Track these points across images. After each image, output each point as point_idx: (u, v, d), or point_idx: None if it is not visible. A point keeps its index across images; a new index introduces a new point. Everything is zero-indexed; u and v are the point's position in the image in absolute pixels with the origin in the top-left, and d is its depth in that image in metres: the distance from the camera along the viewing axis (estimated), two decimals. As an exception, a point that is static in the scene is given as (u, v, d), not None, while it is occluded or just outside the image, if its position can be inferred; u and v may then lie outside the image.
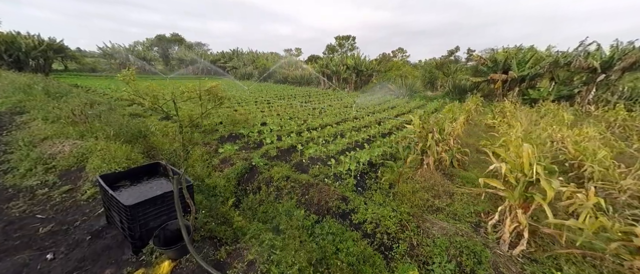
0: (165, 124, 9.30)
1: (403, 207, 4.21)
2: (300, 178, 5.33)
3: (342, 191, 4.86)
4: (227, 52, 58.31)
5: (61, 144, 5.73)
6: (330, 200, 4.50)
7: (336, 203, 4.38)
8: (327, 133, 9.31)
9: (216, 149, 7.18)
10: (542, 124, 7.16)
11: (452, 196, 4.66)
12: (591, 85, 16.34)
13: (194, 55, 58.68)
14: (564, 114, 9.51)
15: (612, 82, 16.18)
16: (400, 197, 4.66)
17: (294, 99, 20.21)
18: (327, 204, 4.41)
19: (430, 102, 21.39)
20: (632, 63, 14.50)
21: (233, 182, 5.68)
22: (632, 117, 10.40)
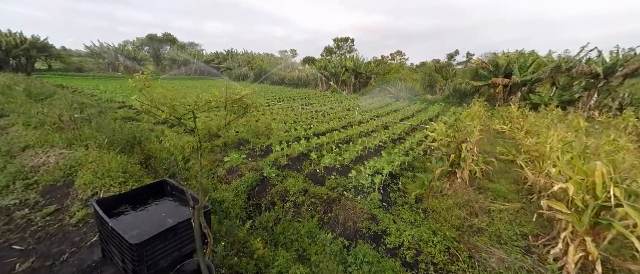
0: (162, 130, 8.62)
1: (443, 229, 3.75)
2: (319, 192, 4.81)
3: (368, 208, 4.37)
4: (222, 53, 57.28)
5: (45, 154, 5.05)
6: (358, 220, 4.00)
7: (366, 224, 3.88)
8: (335, 139, 8.83)
9: (221, 157, 6.57)
10: (571, 134, 6.86)
11: (490, 214, 4.23)
12: (593, 91, 16.44)
13: (187, 55, 57.44)
14: (580, 121, 9.30)
15: (613, 89, 16.30)
16: (433, 216, 4.20)
17: (294, 101, 19.67)
18: (356, 224, 3.90)
19: (432, 106, 21.22)
20: (635, 70, 14.62)
21: (243, 196, 5.11)
22: None
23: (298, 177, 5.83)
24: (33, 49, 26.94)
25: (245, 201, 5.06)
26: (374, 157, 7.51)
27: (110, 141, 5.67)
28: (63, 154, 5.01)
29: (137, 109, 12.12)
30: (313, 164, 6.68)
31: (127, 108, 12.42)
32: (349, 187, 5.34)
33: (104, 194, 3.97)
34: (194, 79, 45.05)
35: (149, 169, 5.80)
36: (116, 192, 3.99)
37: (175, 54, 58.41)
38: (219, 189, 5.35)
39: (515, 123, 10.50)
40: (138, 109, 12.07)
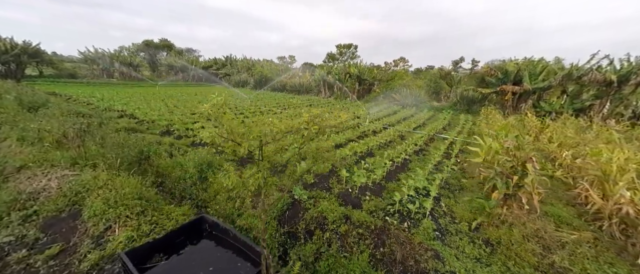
0: (172, 142, 7.96)
1: (520, 269, 3.20)
2: (362, 219, 4.24)
3: (425, 240, 3.80)
4: (220, 59, 56.80)
5: (45, 176, 4.38)
6: (419, 257, 3.43)
7: (431, 264, 3.31)
8: (356, 150, 8.29)
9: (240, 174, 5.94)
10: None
11: (564, 247, 3.70)
12: (605, 99, 16.29)
13: (184, 61, 56.83)
14: (613, 131, 8.96)
15: (625, 97, 16.18)
16: (501, 250, 3.65)
17: (300, 108, 19.16)
18: (419, 264, 3.32)
19: (440, 113, 20.92)
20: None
21: (273, 222, 4.50)
22: None
23: (330, 198, 5.25)
24: (24, 54, 26.04)
25: (275, 228, 4.45)
26: (402, 172, 6.99)
27: (120, 160, 5.02)
28: (66, 176, 4.36)
29: (138, 118, 11.45)
30: (342, 182, 6.12)
31: (128, 117, 11.72)
32: (389, 210, 4.78)
33: (119, 228, 3.34)
34: (192, 85, 44.30)
35: (163, 190, 5.16)
36: (134, 224, 3.37)
37: (172, 60, 57.82)
38: (244, 213, 4.73)
39: (539, 133, 10.11)
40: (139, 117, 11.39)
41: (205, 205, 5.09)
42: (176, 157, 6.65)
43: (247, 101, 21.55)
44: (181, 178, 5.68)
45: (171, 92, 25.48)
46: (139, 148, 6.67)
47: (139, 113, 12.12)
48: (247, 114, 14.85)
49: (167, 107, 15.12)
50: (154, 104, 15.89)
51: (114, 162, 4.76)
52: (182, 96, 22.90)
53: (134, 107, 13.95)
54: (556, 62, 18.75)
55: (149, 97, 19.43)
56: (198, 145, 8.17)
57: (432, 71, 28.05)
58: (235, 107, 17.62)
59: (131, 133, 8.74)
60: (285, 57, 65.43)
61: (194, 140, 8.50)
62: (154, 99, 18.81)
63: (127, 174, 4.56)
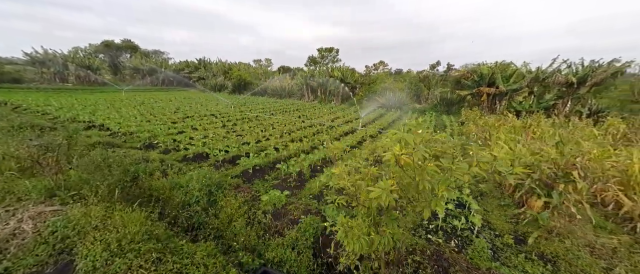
0: (161, 158, 6.93)
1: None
2: (411, 243, 3.88)
3: (480, 262, 3.55)
4: (193, 62, 53.65)
5: (13, 216, 3.38)
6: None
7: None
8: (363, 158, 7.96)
9: (253, 194, 5.28)
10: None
11: (616, 254, 3.68)
12: (566, 98, 18.03)
13: (152, 64, 52.77)
14: (593, 129, 9.73)
15: (582, 96, 18.06)
16: (564, 266, 3.51)
17: (288, 113, 18.49)
18: None
19: (423, 115, 21.59)
20: (601, 79, 16.33)
21: (307, 253, 3.94)
22: (634, 127, 11.25)
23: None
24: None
25: (311, 259, 3.90)
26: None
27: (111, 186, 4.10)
28: (43, 215, 3.40)
29: (111, 129, 10.01)
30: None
31: (98, 129, 10.20)
32: (429, 228, 4.50)
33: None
34: (163, 90, 41.14)
35: (163, 218, 4.32)
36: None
37: (138, 63, 53.39)
38: (270, 243, 4.11)
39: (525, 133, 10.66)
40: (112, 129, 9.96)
41: (219, 235, 4.36)
42: (171, 176, 5.75)
43: (229, 107, 20.31)
44: (185, 203, 4.87)
45: (141, 98, 23.21)
46: (123, 167, 5.70)
47: (110, 124, 10.61)
48: (234, 121, 13.87)
49: (141, 115, 13.55)
50: (125, 112, 14.17)
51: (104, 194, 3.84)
52: (155, 102, 20.91)
53: (103, 116, 12.25)
54: (524, 65, 20.41)
55: (116, 105, 17.39)
56: (190, 160, 7.25)
57: (412, 74, 29.13)
58: (219, 113, 16.43)
59: (107, 149, 7.52)
60: (262, 60, 63.84)
61: (186, 154, 7.54)
62: (124, 106, 16.86)
63: (125, 205, 3.71)
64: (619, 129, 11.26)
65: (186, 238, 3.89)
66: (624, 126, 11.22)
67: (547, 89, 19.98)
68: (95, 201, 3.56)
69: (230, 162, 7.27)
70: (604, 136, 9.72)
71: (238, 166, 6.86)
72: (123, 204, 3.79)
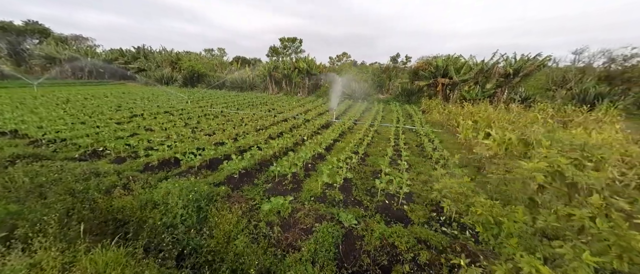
0: (117, 170, 5.55)
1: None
2: (432, 240, 3.75)
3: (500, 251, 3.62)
4: (129, 50, 46.15)
5: None
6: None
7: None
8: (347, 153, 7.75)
9: (253, 205, 4.55)
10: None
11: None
12: (504, 87, 20.79)
13: (74, 52, 43.76)
14: (537, 115, 11.25)
15: (515, 85, 21.05)
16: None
17: (255, 107, 17.24)
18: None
19: (388, 105, 22.55)
20: (531, 71, 19.19)
21: (331, 266, 3.51)
22: (562, 111, 13.48)
23: (375, 216, 4.58)
24: None
25: (336, 272, 3.49)
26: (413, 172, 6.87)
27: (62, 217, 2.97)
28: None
29: (29, 136, 7.74)
30: (371, 193, 5.50)
31: (9, 137, 7.78)
32: (440, 220, 4.48)
33: None
34: (92, 84, 34.67)
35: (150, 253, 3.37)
36: None
37: (53, 50, 43.70)
38: (287, 260, 3.54)
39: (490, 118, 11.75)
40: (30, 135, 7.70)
41: (219, 259, 3.60)
42: (139, 192, 4.61)
43: (186, 102, 18.00)
44: (166, 225, 3.91)
45: (63, 94, 18.95)
46: (64, 187, 4.40)
47: (28, 129, 8.20)
48: (196, 118, 12.23)
49: (71, 116, 10.92)
50: (45, 113, 11.23)
51: (56, 226, 2.75)
52: (85, 98, 17.25)
53: (13, 119, 9.45)
54: (471, 58, 22.76)
55: (29, 103, 13.76)
56: (156, 168, 6.00)
57: (374, 66, 30.11)
58: (175, 110, 14.35)
59: (32, 163, 5.71)
60: (214, 49, 58.27)
61: (148, 161, 6.23)
62: (42, 105, 13.42)
63: (91, 242, 2.71)
64: (548, 113, 13.37)
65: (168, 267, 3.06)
66: (551, 110, 13.39)
67: (488, 80, 22.76)
68: (44, 244, 2.48)
69: (208, 167, 6.25)
70: (544, 118, 11.36)
71: (220, 171, 5.93)
72: (86, 240, 2.76)
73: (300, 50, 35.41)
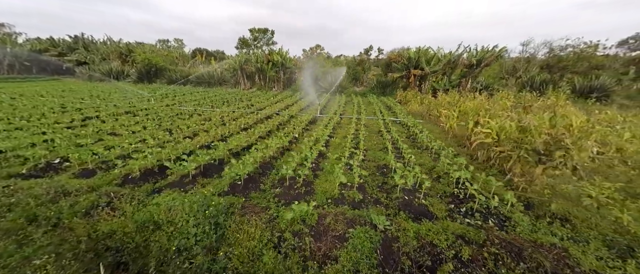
0: (86, 183, 4.54)
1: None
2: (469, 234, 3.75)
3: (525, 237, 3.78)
4: (64, 40, 39.42)
5: None
6: (552, 258, 3.32)
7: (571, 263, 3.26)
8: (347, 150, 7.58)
9: (271, 214, 4.07)
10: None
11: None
12: (468, 77, 22.50)
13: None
14: (506, 102, 12.29)
15: (476, 75, 22.93)
16: (578, 224, 4.11)
17: (232, 104, 16.02)
18: (573, 270, 3.20)
19: (365, 98, 22.86)
20: (490, 61, 21.02)
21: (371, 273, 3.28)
22: (520, 97, 14.99)
23: (399, 214, 4.45)
24: None
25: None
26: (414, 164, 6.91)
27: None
28: None
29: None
30: (385, 188, 5.36)
31: None
32: (464, 211, 4.54)
33: None
34: (14, 80, 29.06)
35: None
36: None
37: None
38: (327, 273, 3.22)
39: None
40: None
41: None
42: (129, 211, 3.82)
43: (149, 100, 15.97)
44: (179, 248, 3.27)
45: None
46: (25, 212, 3.51)
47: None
48: (169, 118, 10.86)
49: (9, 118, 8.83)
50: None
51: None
52: (12, 99, 14.18)
53: None
54: (438, 50, 24.08)
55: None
56: (139, 180, 5.09)
57: (349, 58, 30.21)
58: (137, 109, 12.57)
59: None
60: (169, 40, 52.54)
61: (128, 172, 5.26)
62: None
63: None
64: (510, 99, 14.79)
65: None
66: (512, 97, 14.86)
67: (453, 70, 24.43)
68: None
69: (204, 174, 5.51)
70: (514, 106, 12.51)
71: (221, 179, 5.27)
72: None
73: (272, 42, 33.82)
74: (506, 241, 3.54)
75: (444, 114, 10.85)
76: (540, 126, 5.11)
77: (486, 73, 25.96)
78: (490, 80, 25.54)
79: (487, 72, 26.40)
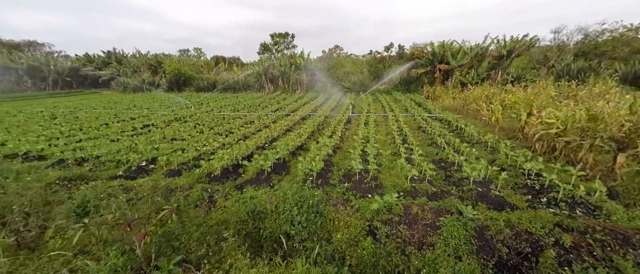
0: (182, 182, 5.01)
1: None
2: (573, 225, 3.78)
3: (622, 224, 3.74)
4: (99, 55, 42.44)
5: None
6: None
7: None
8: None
9: (354, 207, 4.30)
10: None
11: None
12: (498, 69, 21.77)
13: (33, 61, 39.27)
14: (551, 92, 11.86)
15: (506, 66, 22.12)
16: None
17: (263, 108, 16.59)
18: None
19: (391, 95, 22.76)
20: (522, 51, 20.25)
21: (474, 259, 3.41)
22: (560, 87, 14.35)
23: (478, 205, 4.54)
24: None
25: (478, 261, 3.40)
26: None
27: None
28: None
29: (68, 159, 6.79)
30: (455, 182, 5.46)
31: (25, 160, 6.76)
32: (545, 201, 4.55)
33: None
34: (60, 95, 31.59)
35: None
36: None
37: (6, 60, 38.99)
38: (426, 255, 3.39)
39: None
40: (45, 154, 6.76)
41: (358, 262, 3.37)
42: (227, 203, 4.20)
43: (189, 107, 16.90)
44: (289, 233, 3.57)
45: (38, 108, 16.98)
46: (154, 204, 3.96)
47: (46, 150, 7.19)
48: (216, 123, 11.48)
49: (74, 130, 9.78)
50: (43, 130, 9.95)
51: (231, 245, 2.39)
52: (70, 112, 15.52)
53: (14, 139, 8.26)
54: (463, 43, 23.50)
55: (10, 121, 12.14)
56: (220, 178, 5.52)
57: (369, 57, 30.18)
58: (181, 116, 13.38)
59: (83, 184, 5.00)
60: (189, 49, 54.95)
61: (210, 171, 5.74)
62: (30, 122, 11.88)
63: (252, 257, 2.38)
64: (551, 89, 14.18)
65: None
66: (551, 87, 14.24)
67: (480, 63, 23.71)
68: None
69: (274, 171, 5.87)
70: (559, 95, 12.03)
71: (290, 175, 5.61)
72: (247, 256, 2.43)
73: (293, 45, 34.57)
74: (608, 228, 3.54)
75: (485, 107, 10.67)
76: (614, 114, 4.98)
77: (515, 63, 24.97)
78: (520, 71, 24.54)
79: (516, 62, 25.38)
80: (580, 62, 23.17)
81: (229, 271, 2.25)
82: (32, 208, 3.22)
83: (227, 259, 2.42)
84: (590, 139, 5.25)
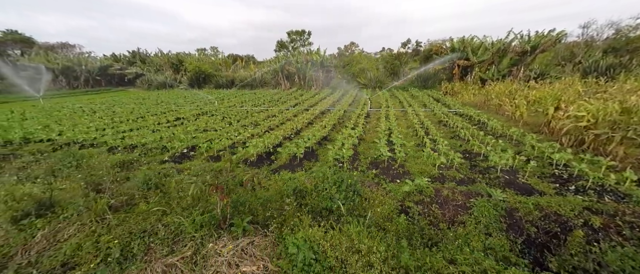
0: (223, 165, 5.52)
1: None
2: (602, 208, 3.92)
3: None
4: (124, 55, 44.75)
5: None
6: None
7: None
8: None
9: (385, 189, 4.62)
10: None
11: None
12: (520, 66, 21.16)
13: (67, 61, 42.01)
14: (578, 88, 11.57)
15: (529, 62, 21.44)
16: None
17: (283, 104, 17.11)
18: None
19: (407, 92, 22.69)
20: (547, 46, 19.57)
21: (503, 236, 3.64)
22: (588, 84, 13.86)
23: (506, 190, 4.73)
24: None
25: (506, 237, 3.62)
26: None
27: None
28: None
29: (118, 146, 7.55)
30: (481, 171, 5.65)
31: (83, 147, 7.56)
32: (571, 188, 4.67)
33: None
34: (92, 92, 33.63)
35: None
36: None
37: (43, 60, 41.91)
38: (458, 232, 3.66)
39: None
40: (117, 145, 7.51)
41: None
42: (269, 184, 4.64)
43: (213, 103, 17.73)
44: (329, 209, 3.95)
45: (78, 105, 18.35)
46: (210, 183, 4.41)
47: (99, 138, 8.00)
48: (242, 117, 12.09)
49: (121, 123, 10.65)
50: (89, 122, 10.92)
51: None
52: (107, 108, 16.71)
53: (68, 131, 9.17)
54: (484, 39, 22.97)
55: (58, 115, 13.31)
56: (256, 163, 5.99)
57: (386, 53, 30.10)
58: (206, 111, 14.12)
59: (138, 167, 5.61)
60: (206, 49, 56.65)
61: (246, 157, 6.23)
62: (74, 116, 13.00)
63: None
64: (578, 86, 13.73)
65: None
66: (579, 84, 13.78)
67: (501, 59, 23.08)
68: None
69: (305, 158, 6.28)
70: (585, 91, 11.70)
71: (319, 162, 5.98)
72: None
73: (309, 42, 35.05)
74: (638, 212, 3.66)
75: (509, 103, 10.61)
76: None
77: (538, 60, 24.10)
78: (543, 67, 23.68)
79: (539, 59, 24.48)
80: (609, 59, 22.03)
81: (293, 229, 2.65)
82: (116, 181, 3.78)
83: (290, 221, 2.83)
84: (622, 132, 5.27)
